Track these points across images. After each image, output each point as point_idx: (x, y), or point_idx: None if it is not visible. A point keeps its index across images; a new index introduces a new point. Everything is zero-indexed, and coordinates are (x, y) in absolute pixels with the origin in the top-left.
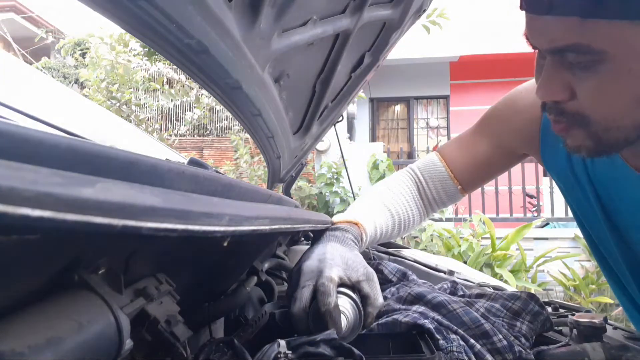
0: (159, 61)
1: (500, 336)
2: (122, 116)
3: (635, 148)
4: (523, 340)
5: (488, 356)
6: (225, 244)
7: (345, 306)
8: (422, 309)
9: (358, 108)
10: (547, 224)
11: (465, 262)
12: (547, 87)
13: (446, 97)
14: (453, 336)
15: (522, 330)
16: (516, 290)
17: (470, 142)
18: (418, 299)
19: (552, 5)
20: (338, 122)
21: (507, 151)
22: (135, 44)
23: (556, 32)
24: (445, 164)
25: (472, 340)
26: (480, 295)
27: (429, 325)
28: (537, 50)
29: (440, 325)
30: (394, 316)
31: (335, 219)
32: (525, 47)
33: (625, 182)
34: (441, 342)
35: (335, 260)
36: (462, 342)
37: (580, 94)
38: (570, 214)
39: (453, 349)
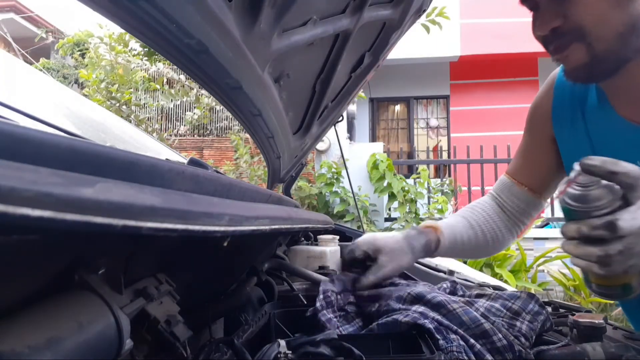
0: (159, 61)
1: (500, 336)
2: (121, 116)
3: (624, 95)
4: (523, 339)
5: (488, 356)
6: (225, 244)
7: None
8: (422, 308)
9: (358, 108)
10: (547, 224)
11: (465, 262)
12: (544, 19)
13: (446, 97)
14: (453, 336)
15: (522, 330)
16: (516, 290)
17: (523, 146)
18: (418, 299)
19: None
20: (338, 122)
21: (550, 141)
22: (135, 44)
23: None
24: (508, 176)
25: (472, 340)
26: (480, 295)
27: (429, 325)
28: (532, 13)
29: (440, 325)
30: (394, 316)
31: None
32: (525, 47)
33: (619, 132)
34: (441, 342)
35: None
36: (462, 342)
37: (572, 13)
38: None
39: (453, 348)
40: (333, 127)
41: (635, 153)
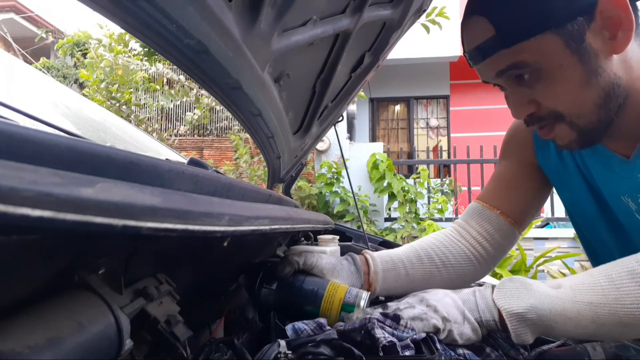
0: (159, 62)
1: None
2: (121, 116)
3: (611, 134)
4: (522, 349)
5: (493, 355)
6: (225, 244)
7: None
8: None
9: (358, 108)
10: (547, 224)
11: None
12: (516, 107)
13: (446, 97)
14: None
15: None
16: None
17: (499, 173)
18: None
19: (485, 54)
20: (338, 122)
21: (528, 167)
22: (135, 44)
23: (495, 64)
24: (479, 202)
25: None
26: None
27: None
28: (496, 86)
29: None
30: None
31: None
32: None
33: (608, 164)
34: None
35: None
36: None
37: (542, 99)
38: None
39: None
40: (333, 127)
41: (625, 185)
